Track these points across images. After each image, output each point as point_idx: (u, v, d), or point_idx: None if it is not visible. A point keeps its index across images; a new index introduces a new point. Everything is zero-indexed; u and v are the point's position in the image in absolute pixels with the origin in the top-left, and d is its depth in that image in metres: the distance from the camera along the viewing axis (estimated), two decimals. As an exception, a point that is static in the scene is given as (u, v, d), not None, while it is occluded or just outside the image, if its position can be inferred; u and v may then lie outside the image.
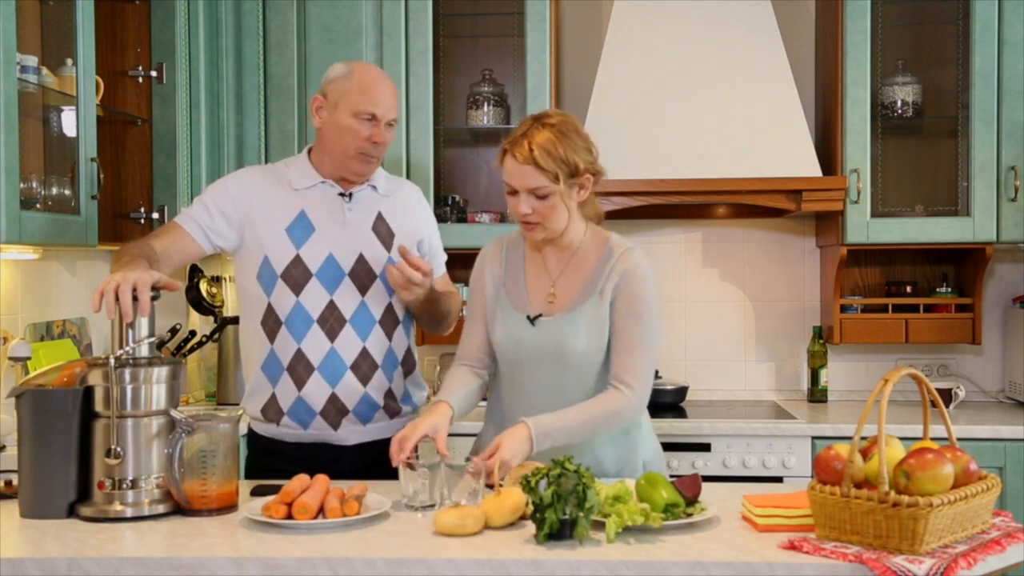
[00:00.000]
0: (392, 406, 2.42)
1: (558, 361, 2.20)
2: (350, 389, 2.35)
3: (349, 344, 2.35)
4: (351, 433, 2.38)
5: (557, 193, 2.13)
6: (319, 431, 2.36)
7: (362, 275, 2.37)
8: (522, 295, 2.27)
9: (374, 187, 2.45)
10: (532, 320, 2.22)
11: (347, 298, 2.35)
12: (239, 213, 2.35)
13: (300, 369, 2.33)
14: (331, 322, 2.34)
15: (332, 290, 2.34)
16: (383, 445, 2.39)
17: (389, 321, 2.41)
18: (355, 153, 2.34)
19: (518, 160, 2.12)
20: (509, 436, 2.06)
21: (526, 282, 2.28)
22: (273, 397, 2.36)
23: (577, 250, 2.25)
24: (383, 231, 2.42)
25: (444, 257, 2.62)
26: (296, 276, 2.32)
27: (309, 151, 2.46)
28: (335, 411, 2.35)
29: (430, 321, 2.52)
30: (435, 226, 2.60)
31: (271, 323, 2.35)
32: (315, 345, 2.33)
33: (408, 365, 2.47)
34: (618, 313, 2.18)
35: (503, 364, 2.31)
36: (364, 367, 2.36)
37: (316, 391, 2.33)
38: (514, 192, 2.16)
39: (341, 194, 2.40)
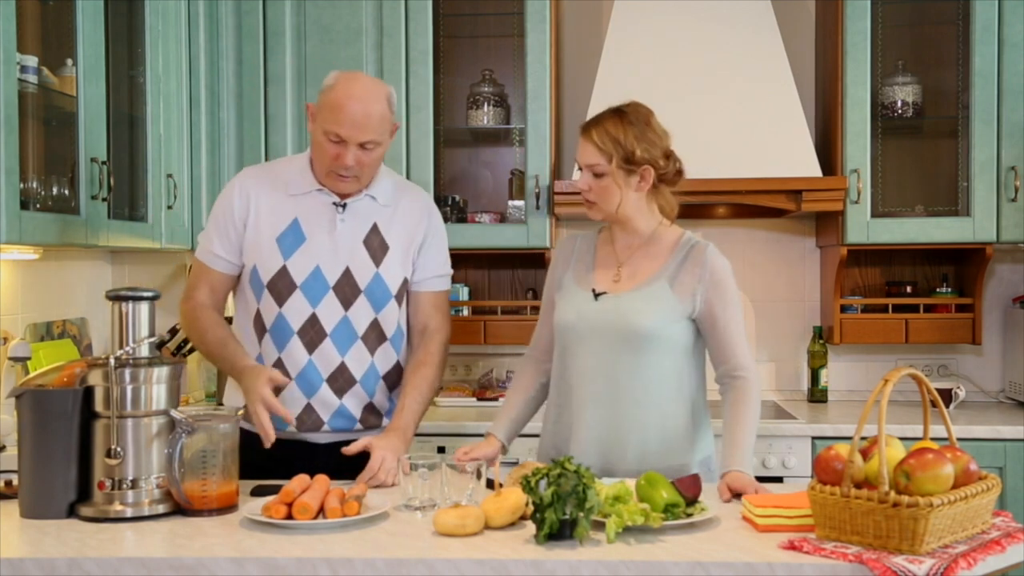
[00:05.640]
0: (371, 420, 2.39)
1: (619, 337, 2.22)
2: (325, 401, 2.34)
3: (327, 357, 2.32)
4: (324, 434, 2.37)
5: (611, 174, 2.22)
6: (291, 430, 2.33)
7: (346, 289, 2.32)
8: (588, 276, 2.33)
9: (373, 197, 2.37)
10: (596, 295, 2.27)
11: (329, 312, 2.32)
12: (242, 222, 2.35)
13: None
14: (311, 334, 2.31)
15: (315, 303, 2.31)
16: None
17: (374, 337, 2.36)
18: (326, 171, 2.30)
19: (583, 139, 2.26)
20: (737, 482, 2.07)
21: (594, 266, 2.34)
22: None
23: (649, 240, 2.31)
24: (375, 244, 2.35)
25: (448, 271, 2.48)
26: (280, 287, 2.30)
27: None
28: (310, 422, 2.34)
29: None
30: (441, 238, 2.46)
31: (259, 328, 2.35)
32: (294, 356, 2.32)
33: (392, 380, 2.42)
34: (710, 308, 2.23)
35: (559, 345, 2.32)
36: (341, 381, 2.34)
37: (292, 401, 2.31)
38: (580, 168, 2.28)
39: (335, 203, 2.34)
